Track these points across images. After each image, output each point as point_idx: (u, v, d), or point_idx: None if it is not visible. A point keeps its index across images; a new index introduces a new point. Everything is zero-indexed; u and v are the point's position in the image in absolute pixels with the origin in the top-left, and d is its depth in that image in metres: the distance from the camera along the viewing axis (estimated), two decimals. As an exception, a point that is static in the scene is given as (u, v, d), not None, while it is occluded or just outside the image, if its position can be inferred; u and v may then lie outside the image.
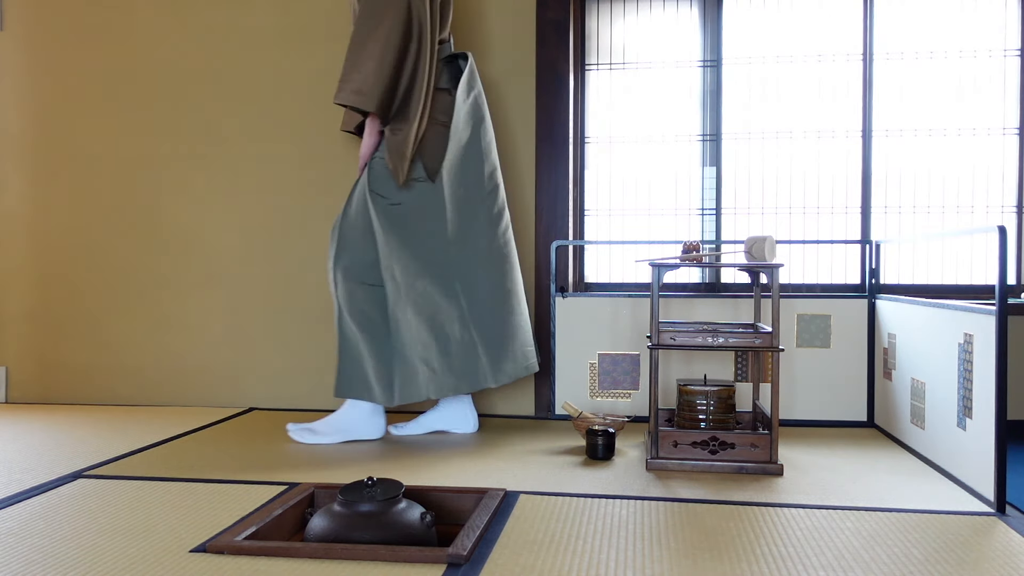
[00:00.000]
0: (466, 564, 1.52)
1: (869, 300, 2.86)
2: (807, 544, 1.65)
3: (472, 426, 2.76)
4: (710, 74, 3.11)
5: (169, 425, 2.85)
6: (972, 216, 2.98)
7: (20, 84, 3.32)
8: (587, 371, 2.97)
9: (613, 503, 1.92)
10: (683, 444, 2.25)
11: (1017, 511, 1.88)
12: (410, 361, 2.56)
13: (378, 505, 1.66)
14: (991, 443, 1.89)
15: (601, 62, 3.17)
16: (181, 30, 3.22)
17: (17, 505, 1.90)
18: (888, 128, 3.01)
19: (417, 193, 2.59)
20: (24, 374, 3.34)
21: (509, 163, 3.05)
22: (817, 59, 3.05)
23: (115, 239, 3.27)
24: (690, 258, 2.39)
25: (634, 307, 2.95)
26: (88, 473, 2.19)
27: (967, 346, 2.04)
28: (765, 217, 3.08)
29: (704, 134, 3.12)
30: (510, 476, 2.17)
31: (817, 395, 2.88)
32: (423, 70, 2.54)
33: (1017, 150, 2.95)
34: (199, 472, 2.21)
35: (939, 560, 1.57)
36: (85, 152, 3.29)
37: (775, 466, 2.20)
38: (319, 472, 2.20)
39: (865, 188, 3.02)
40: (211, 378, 3.21)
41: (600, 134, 3.17)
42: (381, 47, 2.50)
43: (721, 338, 2.24)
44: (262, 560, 1.54)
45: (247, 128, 3.17)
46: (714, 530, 1.73)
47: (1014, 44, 2.94)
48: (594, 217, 3.18)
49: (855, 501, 1.95)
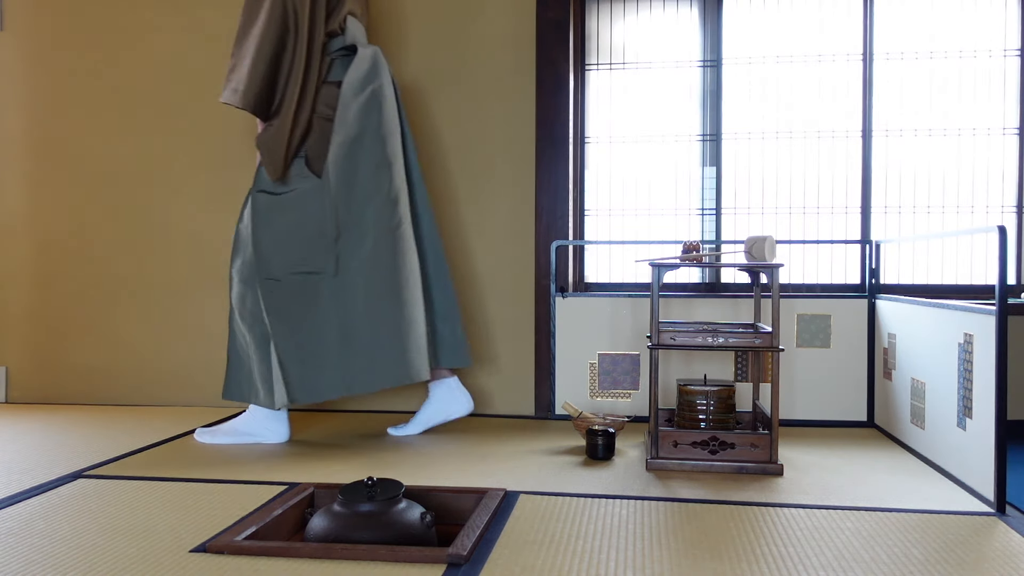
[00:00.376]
0: (466, 564, 1.52)
1: (869, 300, 2.86)
2: (807, 544, 1.65)
3: (467, 406, 2.72)
4: (710, 74, 3.11)
5: (169, 425, 2.85)
6: (972, 216, 2.98)
7: (20, 84, 3.32)
8: (587, 371, 2.97)
9: (613, 503, 1.92)
10: (683, 444, 2.25)
11: (1017, 511, 1.88)
12: (290, 362, 2.48)
13: (378, 505, 1.66)
14: (991, 443, 1.89)
15: (601, 62, 3.17)
16: (181, 30, 3.22)
17: (17, 505, 1.90)
18: (888, 128, 3.01)
19: (302, 190, 2.53)
20: (24, 374, 3.34)
21: (509, 163, 3.05)
22: (817, 59, 3.05)
23: (115, 239, 3.27)
24: (690, 258, 2.39)
25: (634, 307, 2.95)
26: (88, 473, 2.19)
27: (967, 346, 2.04)
28: (765, 217, 3.08)
29: (704, 134, 3.12)
30: (510, 476, 2.17)
31: (817, 395, 2.88)
32: (299, 64, 2.49)
33: (1017, 150, 2.95)
34: (199, 472, 2.21)
35: (939, 560, 1.57)
36: (85, 152, 3.29)
37: (775, 466, 2.20)
38: (319, 472, 2.20)
39: (865, 188, 3.02)
40: (211, 378, 3.21)
41: (600, 134, 3.17)
42: (256, 43, 2.47)
43: (721, 338, 2.24)
44: (262, 560, 1.54)
45: (247, 127, 3.17)
46: (714, 530, 1.73)
47: (1014, 44, 2.94)
48: (594, 217, 3.18)
49: (855, 501, 1.95)
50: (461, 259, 3.08)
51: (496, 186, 3.06)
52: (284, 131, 2.49)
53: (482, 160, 3.07)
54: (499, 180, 3.06)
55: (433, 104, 3.09)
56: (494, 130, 3.06)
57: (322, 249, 2.52)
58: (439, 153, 3.09)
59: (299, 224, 2.53)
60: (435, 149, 3.09)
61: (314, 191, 2.53)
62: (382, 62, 2.65)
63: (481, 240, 3.08)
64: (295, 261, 2.52)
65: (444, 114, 3.09)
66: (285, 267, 2.52)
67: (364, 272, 2.52)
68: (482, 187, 3.07)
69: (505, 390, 3.06)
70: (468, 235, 3.08)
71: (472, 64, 3.07)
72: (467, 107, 3.07)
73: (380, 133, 2.58)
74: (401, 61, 3.10)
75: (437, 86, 3.09)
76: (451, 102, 3.08)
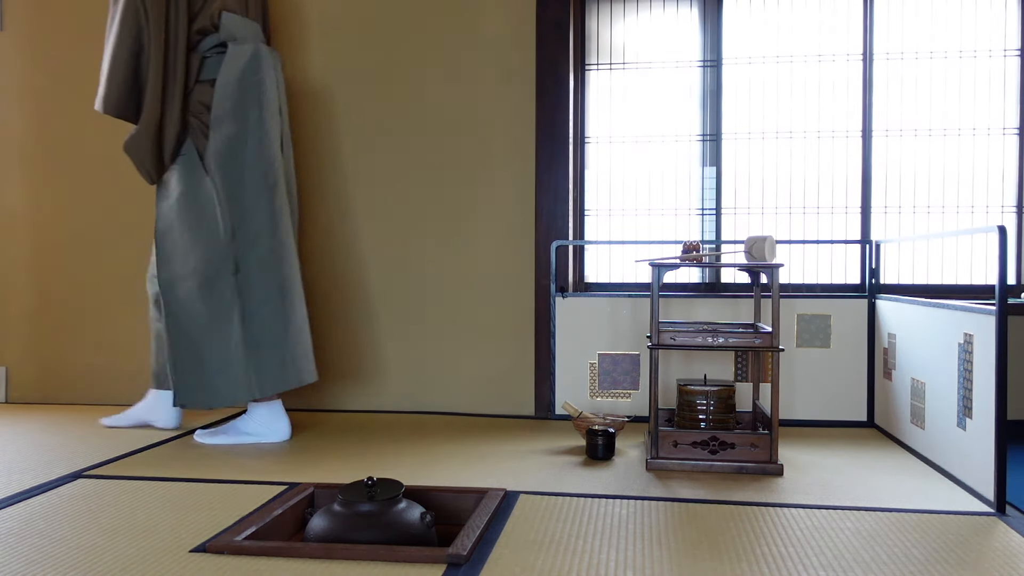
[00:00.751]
0: (466, 564, 1.52)
1: (869, 300, 2.86)
2: (807, 544, 1.65)
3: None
4: (710, 74, 3.11)
5: (169, 425, 2.85)
6: (972, 216, 2.98)
7: (20, 84, 3.32)
8: (587, 371, 2.97)
9: (613, 503, 1.92)
10: (683, 444, 2.25)
11: (1017, 511, 1.88)
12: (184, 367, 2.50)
13: (378, 505, 1.66)
14: (991, 443, 1.89)
15: (601, 62, 3.17)
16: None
17: (17, 505, 1.90)
18: (888, 128, 3.01)
19: (185, 192, 2.51)
20: (24, 374, 3.34)
21: (509, 163, 3.05)
22: (817, 59, 3.05)
23: (115, 239, 3.27)
24: (690, 258, 2.39)
25: (634, 307, 2.95)
26: (88, 473, 2.19)
27: (967, 346, 2.04)
28: (765, 217, 3.08)
29: (704, 134, 3.12)
30: (510, 476, 2.17)
31: (817, 395, 2.88)
32: (157, 65, 2.45)
33: (1017, 150, 2.95)
34: (199, 472, 2.21)
35: (939, 560, 1.57)
36: (85, 152, 3.29)
37: (775, 466, 2.20)
38: (319, 472, 2.20)
39: (865, 188, 3.02)
40: (211, 378, 3.21)
41: (600, 134, 3.17)
42: (111, 48, 2.45)
43: (721, 338, 2.24)
44: (262, 560, 1.54)
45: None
46: (714, 530, 1.73)
47: (1014, 44, 2.94)
48: (594, 217, 3.18)
49: (855, 501, 1.95)
50: (461, 259, 3.08)
51: (496, 186, 3.06)
52: (148, 134, 2.46)
53: (482, 160, 3.07)
54: (499, 180, 3.06)
55: (433, 104, 3.09)
56: (494, 130, 3.06)
57: (221, 249, 2.51)
58: (439, 153, 3.09)
59: (192, 228, 2.51)
60: (435, 149, 3.09)
61: (201, 191, 2.51)
62: (263, 58, 2.59)
63: (481, 240, 3.08)
64: (193, 264, 2.50)
65: (444, 114, 3.09)
66: (189, 269, 2.51)
67: (259, 273, 2.52)
68: (482, 187, 3.07)
69: (505, 390, 3.06)
70: (468, 235, 3.08)
71: (472, 64, 3.07)
72: (467, 107, 3.07)
73: (263, 130, 2.55)
74: (401, 61, 3.10)
75: (437, 86, 3.09)
76: (451, 102, 3.08)
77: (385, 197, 3.12)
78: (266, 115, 2.57)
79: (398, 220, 3.12)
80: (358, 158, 3.13)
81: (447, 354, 3.10)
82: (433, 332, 3.11)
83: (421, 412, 3.09)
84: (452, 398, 3.10)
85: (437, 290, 3.10)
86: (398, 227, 3.12)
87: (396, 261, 3.12)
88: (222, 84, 2.50)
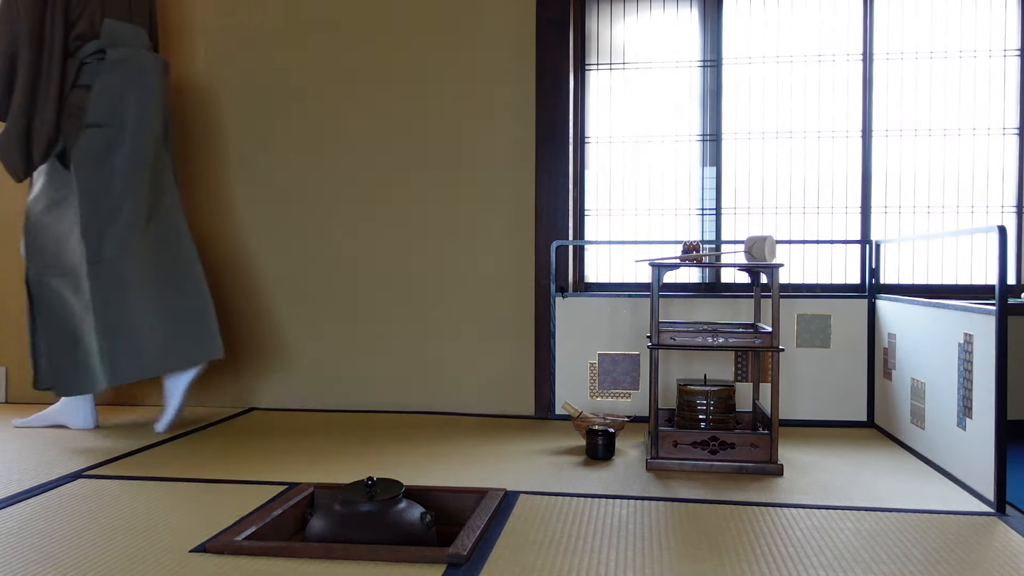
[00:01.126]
0: (466, 564, 1.52)
1: (869, 300, 2.86)
2: (807, 544, 1.65)
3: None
4: (710, 74, 3.11)
5: (169, 425, 2.85)
6: (972, 216, 2.98)
7: None
8: (587, 371, 2.97)
9: (613, 503, 1.92)
10: (683, 444, 2.25)
11: (1017, 511, 1.88)
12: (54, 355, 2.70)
13: (378, 505, 1.66)
14: (991, 443, 1.89)
15: (601, 62, 3.17)
16: (180, 29, 3.22)
17: (17, 505, 1.90)
18: (888, 128, 3.01)
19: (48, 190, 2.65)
20: (24, 374, 3.33)
21: (509, 163, 3.05)
22: (817, 59, 3.05)
23: (115, 239, 3.27)
24: (690, 258, 2.39)
25: (634, 307, 2.95)
26: (88, 473, 2.20)
27: (967, 346, 2.04)
28: (765, 217, 3.08)
29: (704, 134, 3.12)
30: (510, 476, 2.17)
31: (817, 395, 2.88)
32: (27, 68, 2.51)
33: (1017, 150, 2.95)
34: (199, 472, 2.21)
35: (939, 560, 1.57)
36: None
37: (775, 466, 2.20)
38: (319, 472, 2.20)
39: (865, 188, 3.02)
40: (211, 378, 3.21)
41: (600, 134, 3.17)
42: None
43: (721, 338, 2.24)
44: (262, 560, 1.54)
45: (247, 127, 3.17)
46: (714, 530, 1.73)
47: (1014, 44, 2.94)
48: (594, 217, 3.18)
49: (855, 501, 1.95)
50: (461, 259, 3.09)
51: (496, 186, 3.06)
52: (16, 134, 2.53)
53: (482, 160, 3.07)
54: (499, 180, 3.06)
55: (433, 104, 3.09)
56: (494, 130, 3.06)
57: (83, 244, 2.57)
58: (438, 153, 3.09)
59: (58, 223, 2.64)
60: (434, 149, 3.09)
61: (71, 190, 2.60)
62: (142, 63, 2.67)
63: (481, 240, 3.08)
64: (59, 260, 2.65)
65: (444, 114, 3.09)
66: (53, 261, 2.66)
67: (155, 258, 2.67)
68: (482, 187, 3.07)
69: (505, 390, 3.06)
70: (469, 235, 3.08)
71: (472, 64, 3.07)
72: (467, 107, 3.07)
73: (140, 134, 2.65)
74: (401, 61, 3.10)
75: (437, 86, 3.09)
76: (451, 102, 3.08)
77: (384, 198, 3.12)
78: (146, 117, 2.66)
79: (398, 221, 3.12)
80: (358, 158, 3.13)
81: (447, 354, 3.10)
82: (433, 332, 3.11)
83: (421, 412, 3.09)
84: (452, 398, 3.10)
85: (437, 290, 3.10)
86: (397, 227, 3.12)
87: (395, 261, 3.12)
88: (97, 90, 2.59)
